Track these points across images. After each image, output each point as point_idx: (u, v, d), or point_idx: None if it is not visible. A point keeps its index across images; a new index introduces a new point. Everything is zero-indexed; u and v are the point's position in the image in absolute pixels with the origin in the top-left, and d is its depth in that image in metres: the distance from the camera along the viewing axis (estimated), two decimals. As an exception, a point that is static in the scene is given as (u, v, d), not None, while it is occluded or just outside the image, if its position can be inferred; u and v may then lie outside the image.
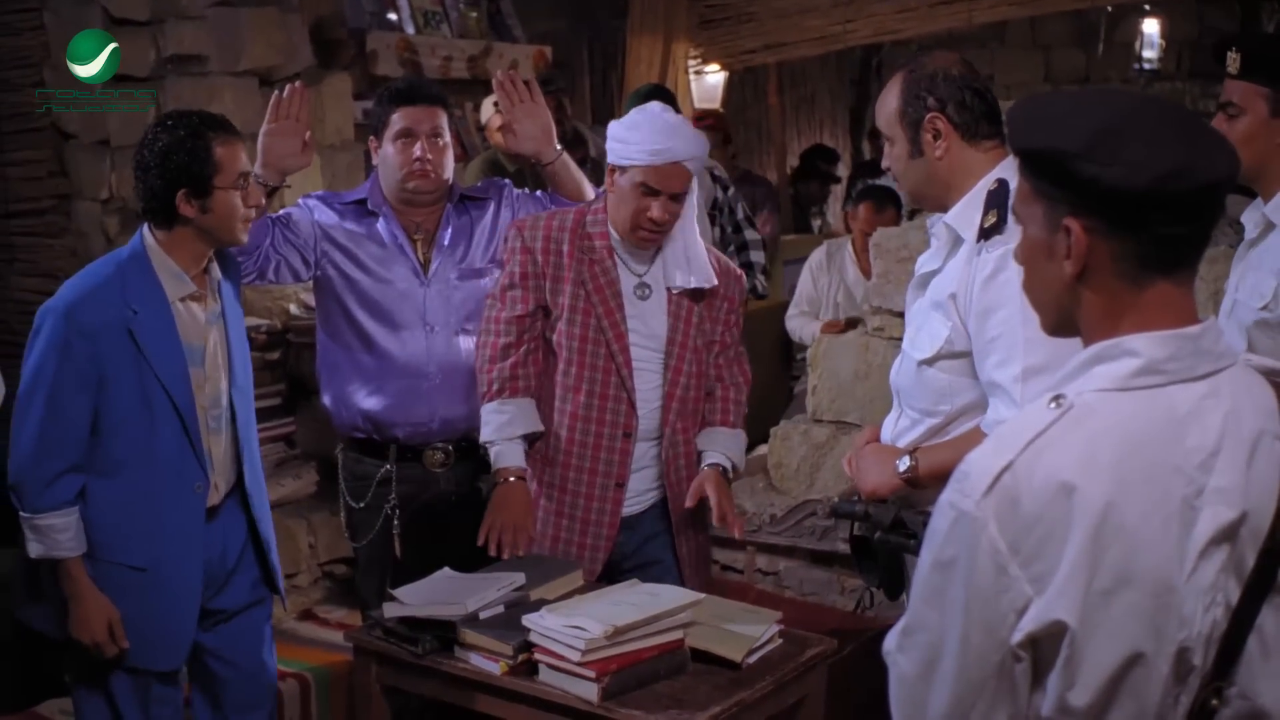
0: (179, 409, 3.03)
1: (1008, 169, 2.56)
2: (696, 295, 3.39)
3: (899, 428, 2.74)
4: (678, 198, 3.29)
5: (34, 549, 2.98)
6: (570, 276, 3.37)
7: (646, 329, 3.37)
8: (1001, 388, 2.46)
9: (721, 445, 3.45)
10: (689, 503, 3.36)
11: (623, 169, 3.28)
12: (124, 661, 3.06)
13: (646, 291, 3.38)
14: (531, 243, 3.40)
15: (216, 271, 3.16)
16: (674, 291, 3.37)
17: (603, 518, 3.39)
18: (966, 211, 2.58)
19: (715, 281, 3.40)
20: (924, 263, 2.73)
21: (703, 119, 6.98)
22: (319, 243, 3.54)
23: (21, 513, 2.98)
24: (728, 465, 3.44)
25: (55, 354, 2.95)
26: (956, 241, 2.60)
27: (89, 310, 2.97)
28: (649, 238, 3.32)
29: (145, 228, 3.08)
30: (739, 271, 3.59)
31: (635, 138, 3.26)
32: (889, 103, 2.66)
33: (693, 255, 3.38)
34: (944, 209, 2.69)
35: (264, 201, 3.20)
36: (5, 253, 5.08)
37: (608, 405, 3.36)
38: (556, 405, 3.42)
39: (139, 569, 3.04)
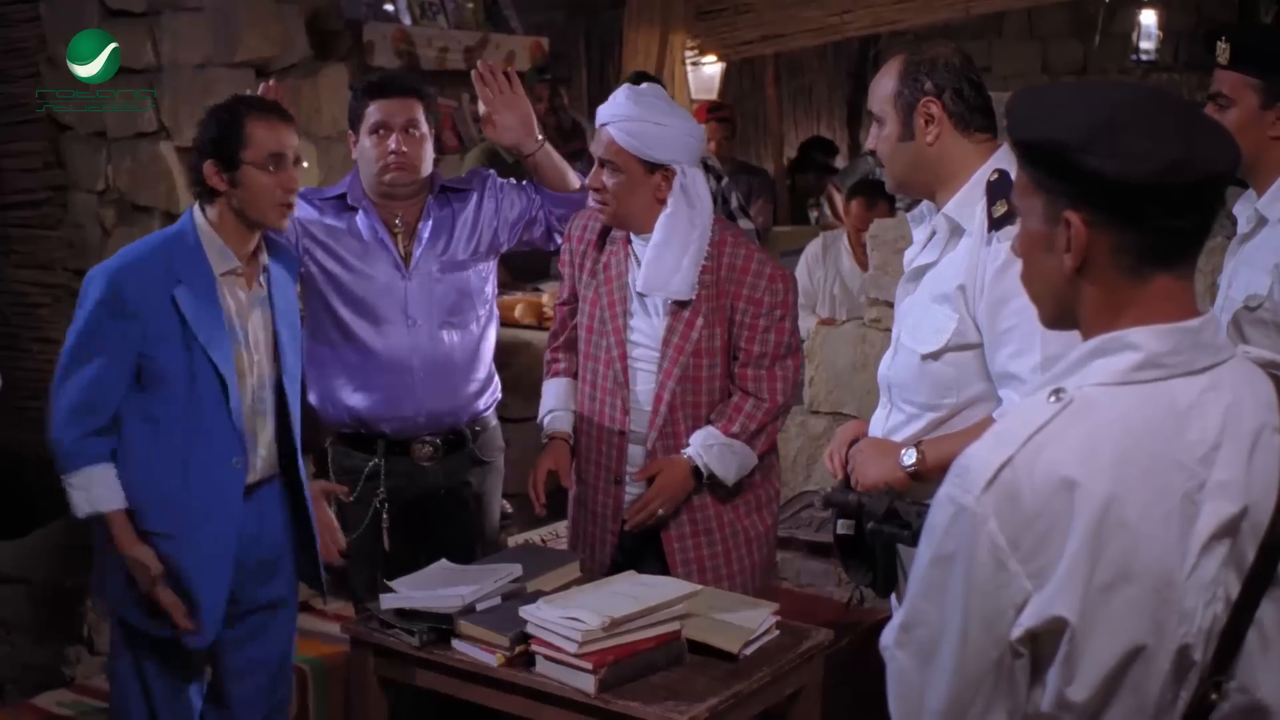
0: (222, 379, 3.05)
1: (1003, 160, 2.56)
2: (709, 293, 3.26)
3: (891, 423, 2.72)
4: (605, 165, 3.26)
5: (80, 507, 3.03)
6: (589, 266, 3.38)
7: (647, 327, 3.32)
8: (1018, 378, 2.45)
9: (702, 443, 3.27)
10: (637, 474, 3.30)
11: None
12: (163, 636, 3.10)
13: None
14: (572, 231, 3.47)
15: (265, 258, 3.19)
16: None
17: (606, 512, 3.38)
18: (966, 202, 2.57)
19: (685, 295, 3.24)
20: (915, 256, 2.72)
21: (717, 110, 6.98)
22: (300, 240, 3.53)
23: (62, 473, 3.03)
24: (700, 463, 3.26)
25: (98, 316, 3.02)
26: (955, 233, 2.59)
27: (135, 276, 3.03)
28: (598, 207, 3.31)
29: (194, 206, 3.14)
30: (776, 274, 3.31)
31: None
32: (885, 84, 2.66)
33: (662, 261, 3.25)
34: (928, 196, 2.68)
35: (298, 188, 3.21)
36: (1, 244, 5.08)
37: (606, 399, 3.34)
38: (575, 395, 3.45)
39: (165, 535, 3.05)
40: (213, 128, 3.07)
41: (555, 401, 3.50)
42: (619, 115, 3.25)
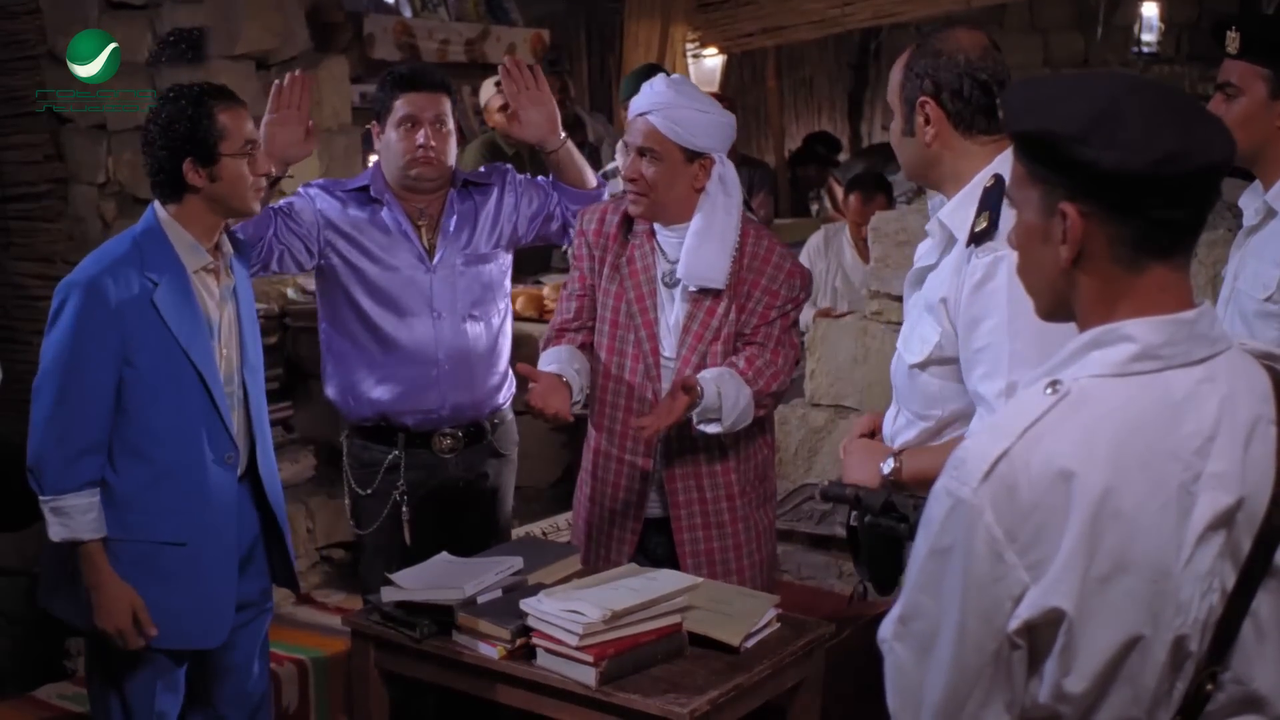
0: (204, 379, 3.03)
1: (1005, 164, 2.46)
2: (729, 282, 3.23)
3: (897, 425, 2.68)
4: (645, 153, 3.20)
5: (55, 532, 2.96)
6: (610, 260, 3.35)
7: (670, 318, 3.29)
8: (986, 401, 2.39)
9: (715, 380, 3.12)
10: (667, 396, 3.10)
11: None
12: (150, 646, 3.04)
13: (674, 279, 3.28)
14: (586, 226, 3.41)
15: (228, 246, 3.16)
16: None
17: (628, 510, 3.34)
18: (961, 209, 2.49)
19: (720, 284, 3.22)
20: (922, 255, 2.65)
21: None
22: (322, 231, 3.53)
23: (42, 495, 2.96)
24: (714, 397, 3.08)
25: (78, 329, 2.94)
26: (951, 240, 2.52)
27: (112, 283, 2.95)
28: (630, 199, 3.24)
29: (155, 203, 3.08)
30: (795, 269, 3.32)
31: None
32: (894, 75, 2.59)
33: (704, 249, 3.22)
34: (938, 189, 2.61)
35: (272, 170, 3.20)
36: (2, 237, 5.07)
37: (634, 394, 3.30)
38: (592, 391, 3.39)
39: (178, 544, 3.03)
40: (183, 125, 2.97)
41: (553, 358, 3.35)
42: (660, 103, 3.20)
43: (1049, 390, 1.51)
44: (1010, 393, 2.30)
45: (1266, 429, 1.54)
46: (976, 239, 2.40)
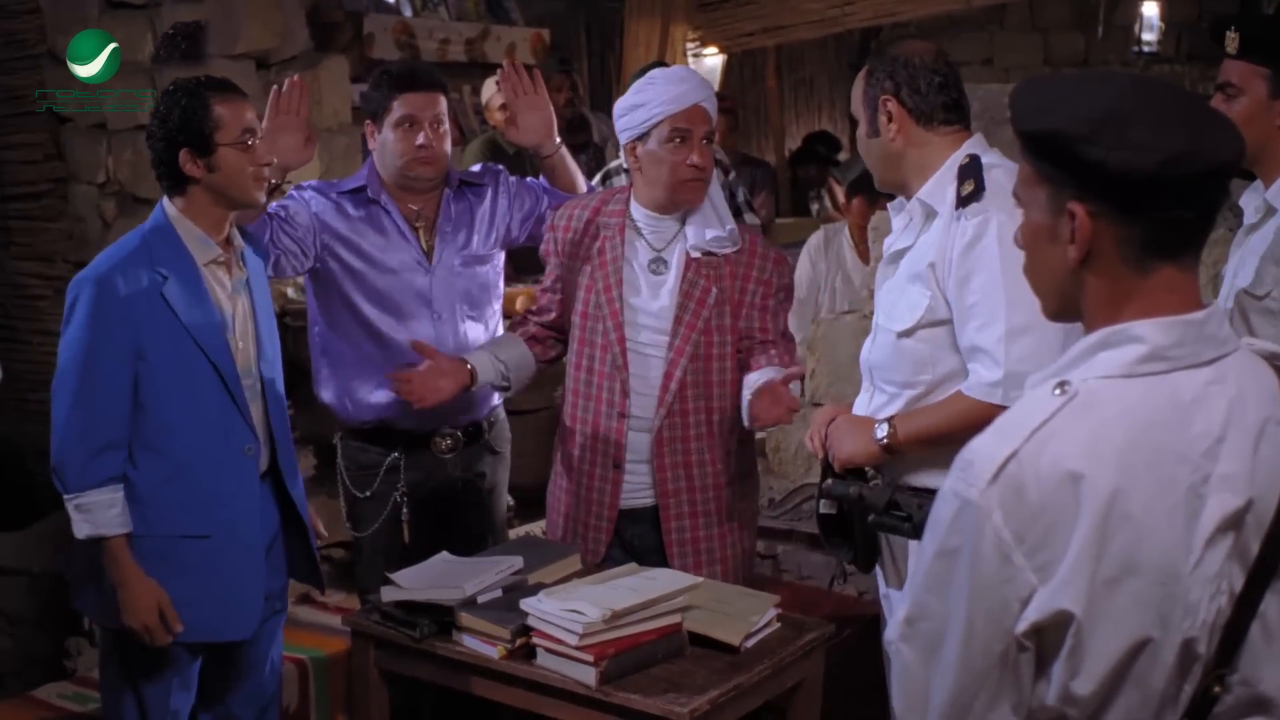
0: (220, 371, 3.03)
1: (974, 147, 2.68)
2: (718, 274, 3.27)
3: (874, 405, 2.81)
4: (709, 139, 3.26)
5: (80, 529, 2.96)
6: (582, 254, 3.36)
7: (654, 306, 3.29)
8: (984, 350, 2.54)
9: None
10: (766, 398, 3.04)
11: (644, 137, 3.25)
12: (176, 641, 3.04)
13: (662, 267, 3.30)
14: (558, 221, 3.44)
15: (239, 240, 3.16)
16: (692, 259, 3.27)
17: (603, 498, 3.34)
18: (938, 187, 2.67)
19: (739, 244, 3.28)
20: (893, 242, 2.81)
21: (720, 101, 6.98)
22: (318, 234, 3.50)
23: (66, 494, 2.97)
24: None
25: (92, 325, 2.95)
26: (929, 216, 2.69)
27: (121, 278, 2.96)
28: (697, 186, 3.24)
29: (164, 199, 3.09)
30: (778, 256, 3.38)
31: (647, 97, 3.26)
32: (857, 85, 2.81)
33: (722, 215, 3.29)
34: (902, 190, 2.79)
35: (273, 160, 3.18)
36: (2, 236, 5.07)
37: (604, 384, 3.31)
38: (566, 382, 3.41)
39: (201, 537, 3.03)
40: (177, 115, 2.99)
41: (490, 342, 3.51)
42: (709, 92, 3.30)
43: (1057, 391, 1.51)
44: (1010, 337, 2.49)
45: (1275, 430, 1.54)
46: (964, 201, 2.58)
